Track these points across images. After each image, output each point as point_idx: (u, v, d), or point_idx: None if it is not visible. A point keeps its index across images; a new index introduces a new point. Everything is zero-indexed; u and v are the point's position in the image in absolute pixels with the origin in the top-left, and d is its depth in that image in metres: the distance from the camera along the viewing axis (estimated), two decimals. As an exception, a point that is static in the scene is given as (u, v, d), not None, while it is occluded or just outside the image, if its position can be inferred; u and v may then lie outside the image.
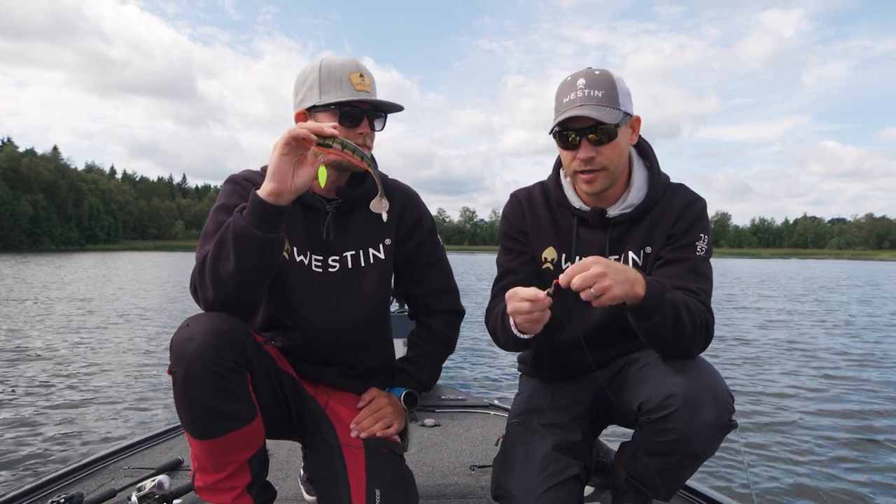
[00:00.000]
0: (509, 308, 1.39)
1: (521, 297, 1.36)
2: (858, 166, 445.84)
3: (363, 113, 1.55)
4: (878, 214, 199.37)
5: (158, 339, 8.70)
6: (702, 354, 1.49)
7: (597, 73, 1.52)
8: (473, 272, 31.01)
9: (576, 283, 1.28)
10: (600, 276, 1.27)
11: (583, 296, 1.29)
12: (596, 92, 1.49)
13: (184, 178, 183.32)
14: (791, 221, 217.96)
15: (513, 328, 1.49)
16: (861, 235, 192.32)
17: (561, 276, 1.30)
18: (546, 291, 1.34)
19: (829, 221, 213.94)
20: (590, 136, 1.50)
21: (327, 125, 1.36)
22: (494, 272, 1.79)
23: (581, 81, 1.51)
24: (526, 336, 1.48)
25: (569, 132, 1.52)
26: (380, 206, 1.38)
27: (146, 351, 7.75)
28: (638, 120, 1.60)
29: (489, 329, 1.70)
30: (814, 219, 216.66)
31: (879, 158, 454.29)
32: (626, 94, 1.53)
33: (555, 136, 1.57)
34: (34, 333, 9.04)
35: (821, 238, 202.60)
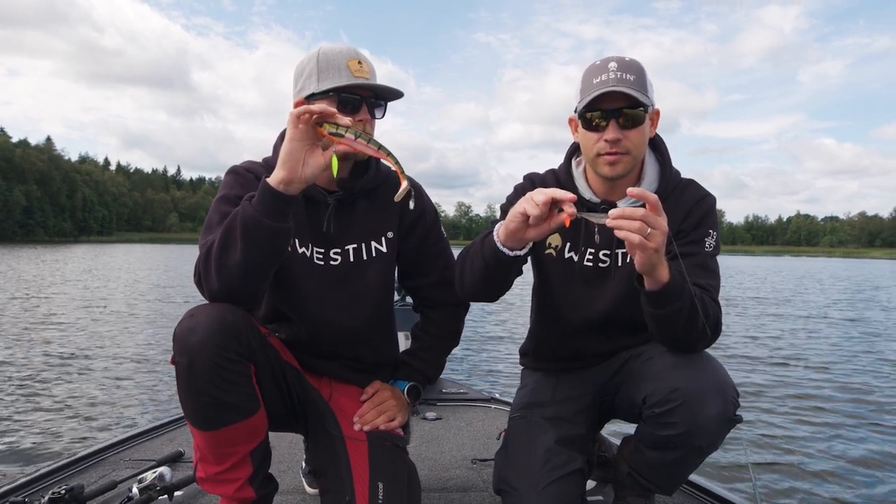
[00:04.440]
0: (528, 195, 1.32)
1: (546, 192, 1.30)
2: (854, 164, 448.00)
3: (362, 100, 1.53)
4: (871, 213, 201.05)
5: (160, 330, 8.67)
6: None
7: (628, 59, 1.51)
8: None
9: (627, 213, 1.23)
10: (649, 217, 1.23)
11: (628, 234, 1.23)
12: (628, 76, 1.48)
13: (178, 170, 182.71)
14: (785, 219, 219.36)
15: (497, 240, 1.42)
16: (853, 234, 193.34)
17: (612, 210, 1.25)
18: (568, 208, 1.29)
19: (822, 219, 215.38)
20: (619, 118, 1.48)
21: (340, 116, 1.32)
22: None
23: (613, 64, 1.49)
24: (507, 250, 1.41)
25: (595, 113, 1.49)
26: (403, 194, 1.32)
27: (147, 342, 7.73)
28: (657, 113, 1.58)
29: (459, 264, 1.61)
30: (807, 216, 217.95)
31: (875, 156, 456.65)
32: (651, 85, 1.52)
33: (580, 117, 1.54)
34: (34, 325, 9.00)
35: (814, 236, 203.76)
